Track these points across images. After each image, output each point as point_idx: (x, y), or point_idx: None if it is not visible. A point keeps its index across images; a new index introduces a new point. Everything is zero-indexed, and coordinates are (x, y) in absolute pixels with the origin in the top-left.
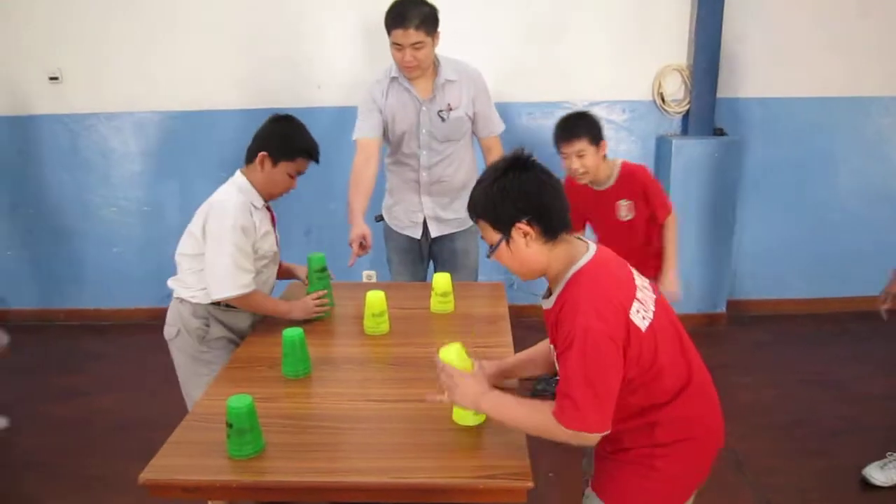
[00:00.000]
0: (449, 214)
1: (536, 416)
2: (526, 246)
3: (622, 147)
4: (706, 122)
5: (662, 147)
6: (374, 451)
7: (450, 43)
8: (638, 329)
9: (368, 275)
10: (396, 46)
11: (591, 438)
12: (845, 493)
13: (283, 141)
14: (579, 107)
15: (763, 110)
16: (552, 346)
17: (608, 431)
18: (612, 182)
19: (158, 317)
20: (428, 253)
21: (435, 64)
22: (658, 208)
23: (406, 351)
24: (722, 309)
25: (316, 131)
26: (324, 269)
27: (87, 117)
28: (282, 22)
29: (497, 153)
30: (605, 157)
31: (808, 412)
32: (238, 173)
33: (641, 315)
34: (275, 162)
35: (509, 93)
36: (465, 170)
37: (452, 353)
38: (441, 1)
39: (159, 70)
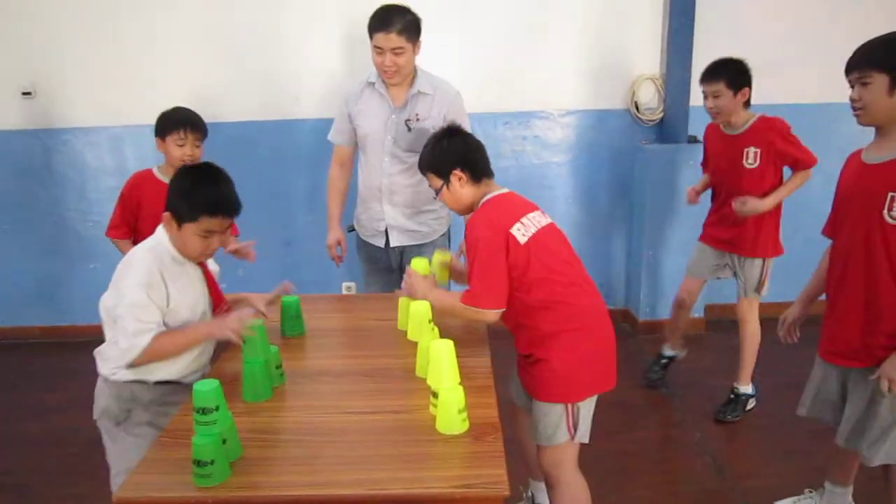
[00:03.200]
0: (412, 225)
1: (452, 300)
2: (460, 187)
3: (598, 155)
4: (680, 130)
5: (637, 154)
6: (350, 464)
7: (426, 53)
8: (517, 241)
9: (348, 286)
10: (377, 50)
11: (488, 314)
12: None
13: (183, 199)
14: (555, 116)
15: None
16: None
17: (500, 310)
18: (745, 129)
19: None
20: (398, 265)
21: (413, 75)
22: (799, 158)
23: (382, 363)
24: (700, 314)
25: (295, 143)
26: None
27: (62, 132)
28: (259, 34)
29: None
30: (744, 104)
31: (788, 415)
32: (161, 225)
33: (522, 232)
34: (178, 223)
35: (486, 102)
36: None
37: (420, 265)
38: (422, 14)
39: (135, 84)
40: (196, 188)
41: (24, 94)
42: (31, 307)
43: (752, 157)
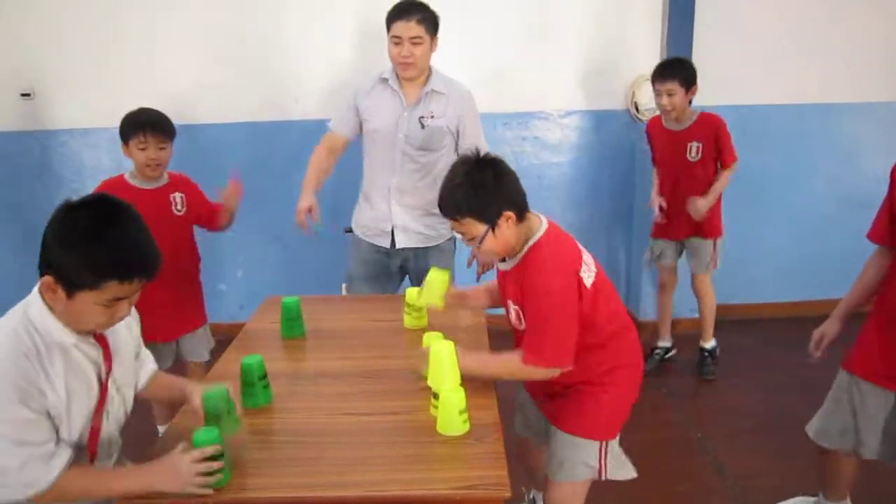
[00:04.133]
0: (418, 227)
1: (510, 365)
2: (507, 229)
3: (598, 155)
4: None
5: (637, 154)
6: (351, 465)
7: None
8: (584, 285)
9: (347, 287)
10: (395, 40)
11: (554, 373)
12: None
13: (76, 258)
14: (555, 117)
15: (737, 118)
16: (511, 301)
17: (570, 367)
18: (689, 124)
19: None
20: (398, 269)
21: (428, 73)
22: (726, 155)
23: (381, 364)
24: (698, 314)
25: (293, 144)
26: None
27: (60, 133)
28: (259, 34)
29: None
30: (690, 101)
31: (789, 415)
32: (35, 289)
33: (587, 274)
34: (69, 293)
35: (486, 103)
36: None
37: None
38: None
39: (134, 85)
40: (94, 241)
41: (23, 95)
42: None
43: (694, 151)
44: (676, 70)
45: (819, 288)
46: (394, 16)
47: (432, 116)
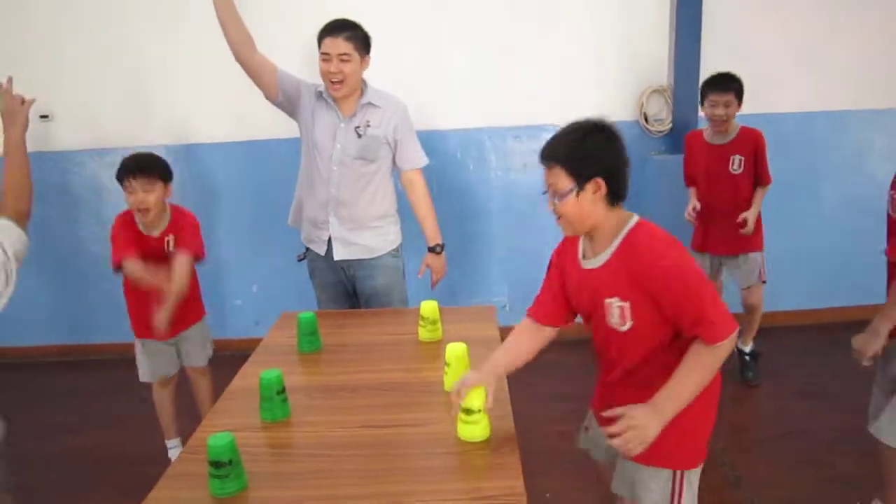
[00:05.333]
0: (357, 239)
1: (700, 363)
2: (591, 201)
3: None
4: None
5: (647, 165)
6: (369, 477)
7: (439, 65)
8: None
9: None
10: (324, 56)
11: (734, 341)
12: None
13: None
14: None
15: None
16: (615, 299)
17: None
18: (732, 137)
19: None
20: (353, 288)
21: (361, 88)
22: (765, 172)
23: (398, 376)
24: None
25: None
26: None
27: (78, 154)
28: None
29: (420, 187)
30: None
31: (805, 424)
32: None
33: None
34: None
35: (496, 116)
36: (381, 202)
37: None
38: (432, 28)
39: (150, 106)
40: None
41: (42, 117)
42: (46, 326)
43: (737, 164)
44: (733, 82)
45: (831, 296)
46: (323, 33)
47: (368, 125)
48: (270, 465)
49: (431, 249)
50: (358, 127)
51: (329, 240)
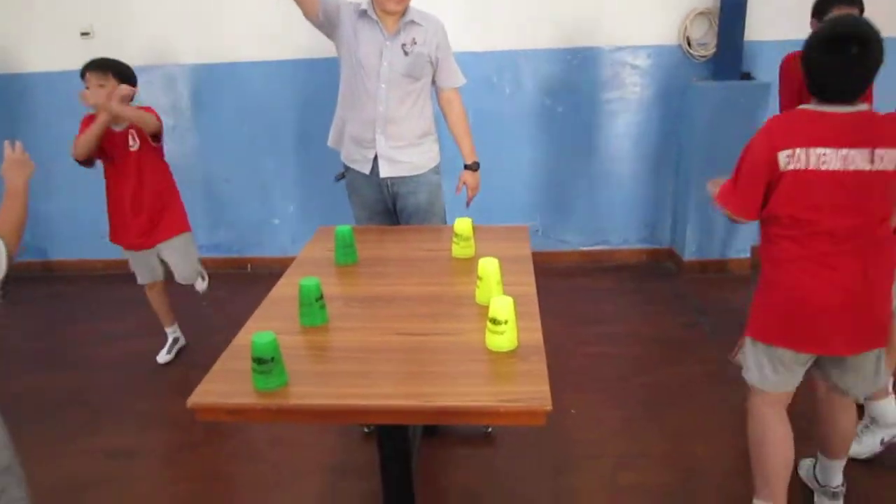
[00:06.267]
0: (403, 157)
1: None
2: None
3: (648, 92)
4: (733, 66)
5: (689, 92)
6: (402, 379)
7: None
8: (778, 164)
9: None
10: None
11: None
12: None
13: None
14: (606, 51)
15: None
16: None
17: (736, 216)
18: None
19: None
20: (393, 205)
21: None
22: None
23: (432, 290)
24: (746, 254)
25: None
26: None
27: None
28: None
29: (458, 106)
30: None
31: None
32: None
33: (791, 160)
34: None
35: (539, 38)
36: (424, 119)
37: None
38: None
39: (189, 23)
40: None
41: (83, 34)
42: (92, 242)
43: None
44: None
45: None
46: None
47: (415, 43)
48: (309, 365)
49: (468, 167)
50: (404, 45)
51: (374, 158)
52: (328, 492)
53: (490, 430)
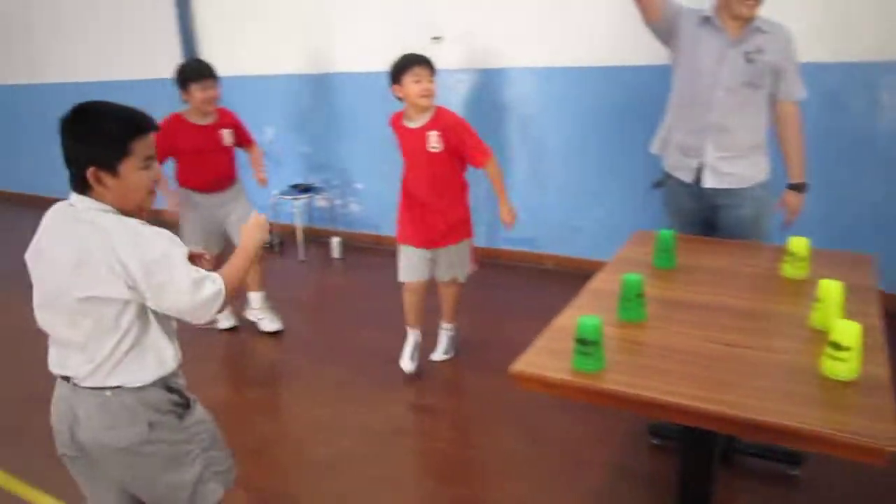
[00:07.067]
0: (728, 168)
1: None
2: None
3: None
4: None
5: None
6: (718, 385)
7: None
8: None
9: None
10: None
11: None
12: None
13: (102, 140)
14: None
15: None
16: None
17: None
18: None
19: None
20: (713, 217)
21: None
22: None
23: (757, 305)
24: None
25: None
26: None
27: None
28: None
29: (795, 120)
30: None
31: None
32: (87, 207)
33: None
34: (113, 171)
35: (817, 52)
36: (758, 131)
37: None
38: None
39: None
40: (104, 119)
41: (434, 38)
42: None
43: None
44: None
45: None
46: None
47: (760, 51)
48: (625, 356)
49: (793, 187)
50: (748, 52)
51: (698, 167)
52: (605, 489)
53: (797, 472)
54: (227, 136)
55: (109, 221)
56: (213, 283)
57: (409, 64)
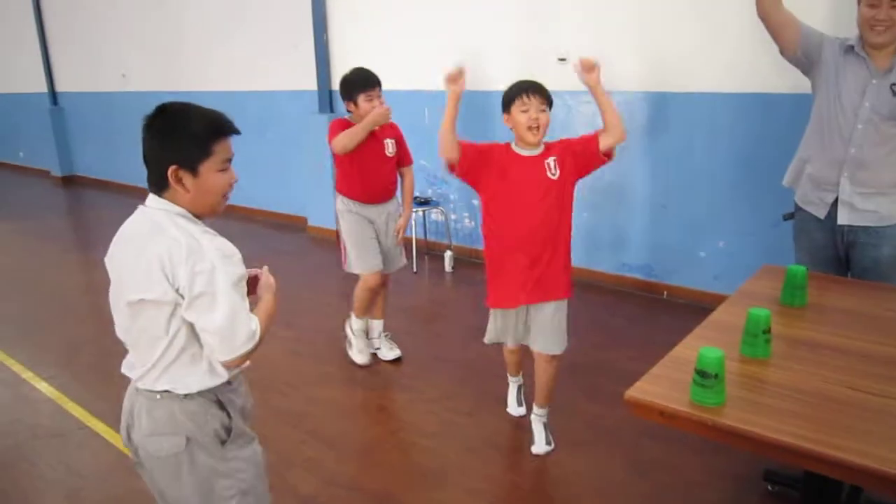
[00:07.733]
0: (867, 205)
1: None
2: None
3: None
4: None
5: None
6: (848, 433)
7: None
8: None
9: None
10: (871, 1)
11: None
12: None
13: (184, 140)
14: None
15: None
16: None
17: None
18: None
19: None
20: (845, 254)
21: None
22: None
23: (893, 352)
24: None
25: None
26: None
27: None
28: None
29: None
30: None
31: None
32: (157, 208)
33: None
34: (193, 171)
35: None
36: None
37: None
38: None
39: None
40: (191, 119)
41: (560, 59)
42: None
43: None
44: None
45: None
46: None
47: None
48: (745, 392)
49: None
50: (894, 84)
51: (834, 202)
52: None
53: None
54: (390, 146)
55: (173, 225)
56: (251, 321)
57: (518, 92)
